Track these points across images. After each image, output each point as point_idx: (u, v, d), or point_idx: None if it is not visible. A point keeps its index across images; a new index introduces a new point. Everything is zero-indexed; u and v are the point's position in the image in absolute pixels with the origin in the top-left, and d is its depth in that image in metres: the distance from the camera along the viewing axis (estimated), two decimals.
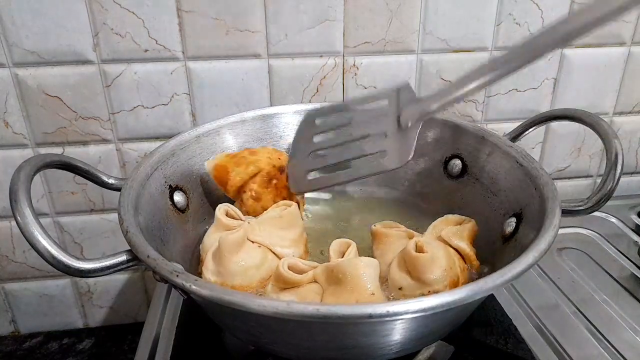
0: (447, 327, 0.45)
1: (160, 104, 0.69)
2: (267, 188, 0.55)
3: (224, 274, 0.46)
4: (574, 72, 0.77)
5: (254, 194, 0.54)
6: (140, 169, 0.50)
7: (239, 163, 0.55)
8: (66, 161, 0.46)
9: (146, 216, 0.46)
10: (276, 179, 0.55)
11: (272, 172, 0.55)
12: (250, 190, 0.55)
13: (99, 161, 0.71)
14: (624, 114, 0.82)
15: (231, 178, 0.54)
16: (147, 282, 0.82)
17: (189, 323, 0.57)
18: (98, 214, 0.75)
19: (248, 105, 0.71)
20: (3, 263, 0.76)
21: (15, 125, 0.67)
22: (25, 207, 0.37)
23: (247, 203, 0.55)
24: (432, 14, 0.69)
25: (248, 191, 0.55)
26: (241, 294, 0.35)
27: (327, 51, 0.70)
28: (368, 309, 0.33)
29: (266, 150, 0.57)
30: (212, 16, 0.65)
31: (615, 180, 0.46)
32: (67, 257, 0.37)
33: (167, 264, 0.37)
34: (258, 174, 0.55)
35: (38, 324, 0.82)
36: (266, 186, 0.55)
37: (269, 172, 0.55)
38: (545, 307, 0.60)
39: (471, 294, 0.35)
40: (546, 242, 0.40)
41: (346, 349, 0.40)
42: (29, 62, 0.64)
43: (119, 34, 0.64)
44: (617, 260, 0.69)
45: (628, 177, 0.88)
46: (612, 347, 0.54)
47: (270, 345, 0.44)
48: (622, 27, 0.75)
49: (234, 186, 0.54)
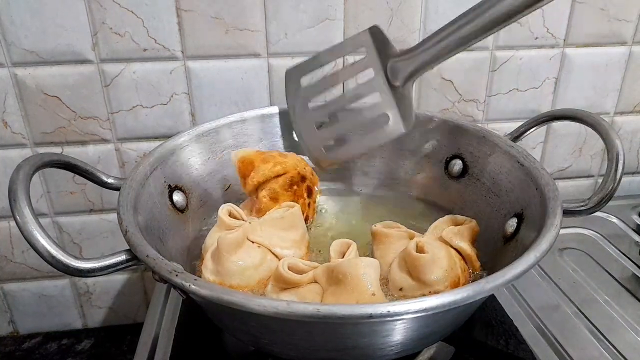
0: (447, 328, 0.45)
1: (160, 103, 0.69)
2: (287, 192, 0.55)
3: (222, 273, 0.46)
4: (575, 72, 0.76)
5: (273, 193, 0.54)
6: (139, 168, 0.50)
7: (266, 160, 0.55)
8: (65, 160, 0.46)
9: (145, 216, 0.46)
10: (296, 186, 0.56)
11: (296, 178, 0.56)
12: (270, 189, 0.54)
13: (98, 161, 0.71)
14: (625, 113, 0.82)
15: (255, 172, 0.54)
16: (147, 283, 0.82)
17: (188, 323, 0.57)
18: (97, 214, 0.75)
19: (248, 104, 0.71)
20: (2, 263, 0.76)
21: (14, 125, 0.67)
22: (25, 206, 0.37)
23: (263, 201, 0.55)
24: (433, 12, 0.69)
25: (267, 189, 0.55)
26: (241, 294, 0.35)
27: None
28: (368, 309, 0.33)
29: (295, 157, 0.58)
30: (211, 15, 0.65)
31: (616, 180, 0.46)
32: (66, 257, 0.37)
33: (166, 264, 0.37)
34: (282, 176, 0.55)
35: (37, 324, 0.82)
36: (286, 189, 0.55)
37: (292, 177, 0.55)
38: (546, 307, 0.59)
39: (472, 294, 0.34)
40: (547, 243, 0.40)
41: (346, 350, 0.40)
42: (28, 62, 0.64)
43: (118, 33, 0.64)
44: (619, 260, 0.69)
45: (629, 177, 0.87)
46: (613, 348, 0.54)
47: (270, 346, 0.43)
48: (623, 27, 0.75)
49: (256, 181, 0.54)
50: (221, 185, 0.60)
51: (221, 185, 0.60)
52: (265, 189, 0.55)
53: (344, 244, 0.48)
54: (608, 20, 0.74)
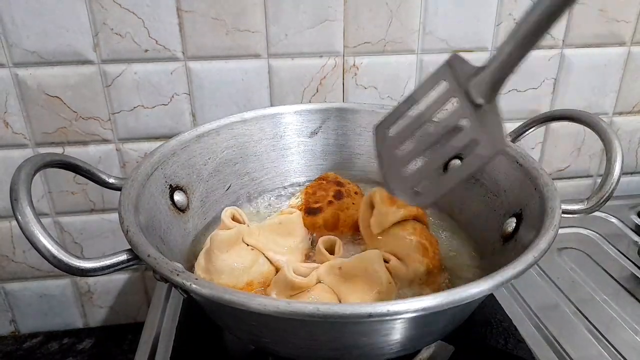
0: (447, 327, 0.45)
1: (161, 104, 0.69)
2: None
3: (212, 271, 0.46)
4: (574, 72, 0.77)
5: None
6: (140, 168, 0.50)
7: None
8: (67, 160, 0.46)
9: (146, 216, 0.46)
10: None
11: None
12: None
13: (99, 161, 0.71)
14: (623, 114, 0.82)
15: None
16: (147, 282, 0.82)
17: (189, 323, 0.57)
18: (98, 214, 0.75)
19: (248, 105, 0.71)
20: (3, 263, 0.76)
21: (15, 125, 0.67)
22: (26, 206, 0.37)
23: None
24: (432, 14, 0.69)
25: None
26: (242, 293, 0.35)
27: (327, 51, 0.70)
28: (368, 309, 0.33)
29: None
30: (212, 16, 0.65)
31: (615, 180, 0.46)
32: (67, 256, 0.37)
33: (167, 263, 0.37)
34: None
35: (38, 324, 0.82)
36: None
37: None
38: (545, 307, 0.60)
39: (471, 294, 0.35)
40: (546, 242, 0.40)
41: (346, 348, 0.40)
42: (29, 62, 0.64)
43: (119, 34, 0.64)
44: (617, 260, 0.69)
45: (628, 177, 0.88)
46: (611, 347, 0.54)
47: (271, 345, 0.44)
48: (622, 27, 0.75)
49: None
50: (222, 185, 0.60)
51: (222, 185, 0.60)
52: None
53: (330, 241, 0.49)
54: (607, 21, 0.74)
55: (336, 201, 0.57)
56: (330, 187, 0.59)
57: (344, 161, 0.65)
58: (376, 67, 0.72)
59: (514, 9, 0.70)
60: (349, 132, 0.65)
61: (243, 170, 0.61)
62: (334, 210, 0.56)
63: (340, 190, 0.58)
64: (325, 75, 0.71)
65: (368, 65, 0.72)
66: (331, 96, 0.73)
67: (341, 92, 0.73)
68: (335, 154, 0.65)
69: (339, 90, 0.73)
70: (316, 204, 0.57)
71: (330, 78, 0.72)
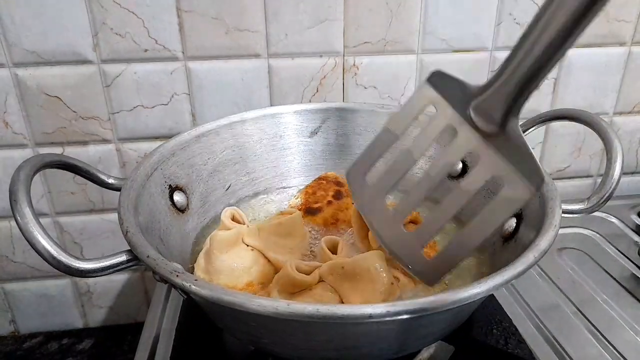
0: (447, 327, 0.45)
1: (160, 104, 0.69)
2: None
3: (211, 271, 0.46)
4: (574, 72, 0.77)
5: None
6: (140, 169, 0.50)
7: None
8: (66, 161, 0.46)
9: (146, 216, 0.46)
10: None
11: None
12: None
13: (98, 161, 0.71)
14: (624, 113, 0.82)
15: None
16: (147, 283, 0.82)
17: (189, 323, 0.57)
18: (98, 214, 0.75)
19: (248, 105, 0.71)
20: (3, 263, 0.76)
21: (14, 125, 0.67)
22: (25, 206, 0.37)
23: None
24: (432, 14, 0.69)
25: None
26: (241, 294, 0.35)
27: (327, 51, 0.70)
28: (368, 309, 0.33)
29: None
30: (212, 16, 0.65)
31: (615, 180, 0.46)
32: (67, 257, 0.37)
33: (166, 264, 0.37)
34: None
35: (38, 324, 0.82)
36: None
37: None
38: (545, 307, 0.60)
39: (471, 295, 0.34)
40: (546, 242, 0.40)
41: (346, 349, 0.40)
42: (29, 62, 0.64)
43: (119, 33, 0.64)
44: (618, 260, 0.69)
45: (628, 177, 0.88)
46: (612, 347, 0.54)
47: (270, 346, 0.43)
48: (622, 27, 0.75)
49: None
50: (222, 185, 0.60)
51: (222, 186, 0.60)
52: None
53: (332, 240, 0.49)
54: (607, 21, 0.74)
55: (336, 201, 0.57)
56: (330, 187, 0.59)
57: (344, 161, 0.65)
58: (376, 67, 0.72)
59: (514, 9, 0.70)
60: (349, 132, 0.65)
61: (243, 170, 0.61)
62: (333, 210, 0.56)
63: (340, 190, 0.59)
64: (325, 75, 0.71)
65: (368, 65, 0.72)
66: (331, 96, 0.73)
67: (341, 92, 0.73)
68: (335, 154, 0.65)
69: (339, 90, 0.73)
70: (316, 204, 0.57)
71: (330, 78, 0.72)
